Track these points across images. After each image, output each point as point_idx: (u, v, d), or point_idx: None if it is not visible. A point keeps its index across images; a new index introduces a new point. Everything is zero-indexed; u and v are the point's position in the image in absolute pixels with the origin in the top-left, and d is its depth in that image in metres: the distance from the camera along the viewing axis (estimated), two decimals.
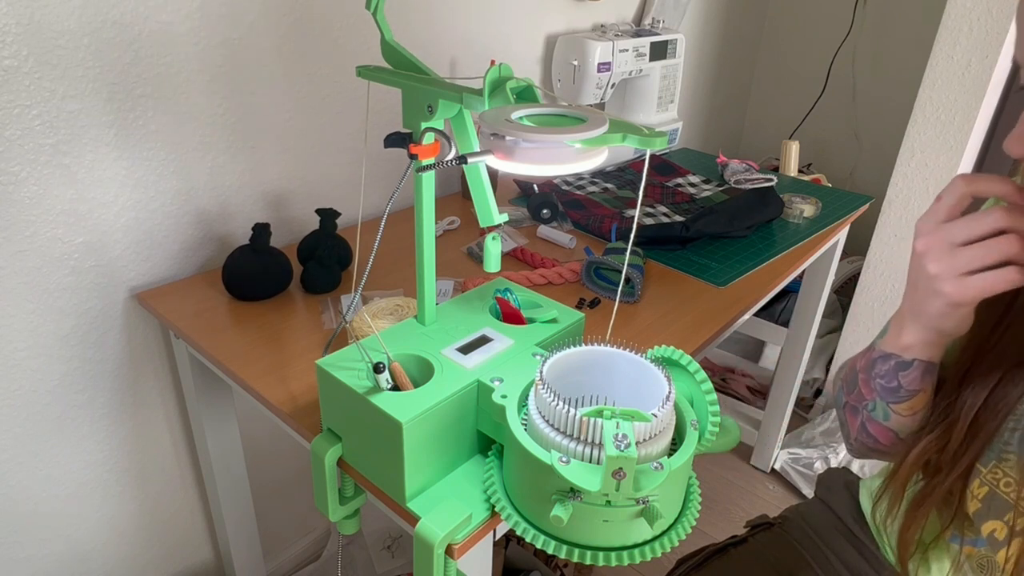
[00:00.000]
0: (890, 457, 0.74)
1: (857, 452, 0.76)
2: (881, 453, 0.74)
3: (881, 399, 0.69)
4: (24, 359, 1.00)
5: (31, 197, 0.94)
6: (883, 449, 0.73)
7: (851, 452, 0.78)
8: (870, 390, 0.70)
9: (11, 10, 0.86)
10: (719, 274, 1.17)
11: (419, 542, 0.63)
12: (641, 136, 0.56)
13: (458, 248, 1.24)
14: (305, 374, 0.89)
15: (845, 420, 0.75)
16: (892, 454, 0.72)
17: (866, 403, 0.71)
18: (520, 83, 0.63)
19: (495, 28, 1.48)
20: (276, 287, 1.07)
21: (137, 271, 1.08)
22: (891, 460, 0.72)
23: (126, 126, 1.01)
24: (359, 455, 0.71)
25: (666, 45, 1.64)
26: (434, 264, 0.76)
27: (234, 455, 1.22)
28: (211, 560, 1.39)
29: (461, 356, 0.71)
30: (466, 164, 0.62)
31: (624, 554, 0.59)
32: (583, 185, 1.53)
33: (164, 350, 1.16)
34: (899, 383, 0.67)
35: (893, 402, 0.68)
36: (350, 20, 1.21)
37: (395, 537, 1.47)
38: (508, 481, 0.65)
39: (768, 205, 1.38)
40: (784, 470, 1.86)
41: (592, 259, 1.11)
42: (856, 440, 0.74)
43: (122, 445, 1.16)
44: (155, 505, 1.25)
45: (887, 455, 0.74)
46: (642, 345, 0.65)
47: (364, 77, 0.73)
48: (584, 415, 0.56)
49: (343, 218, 1.15)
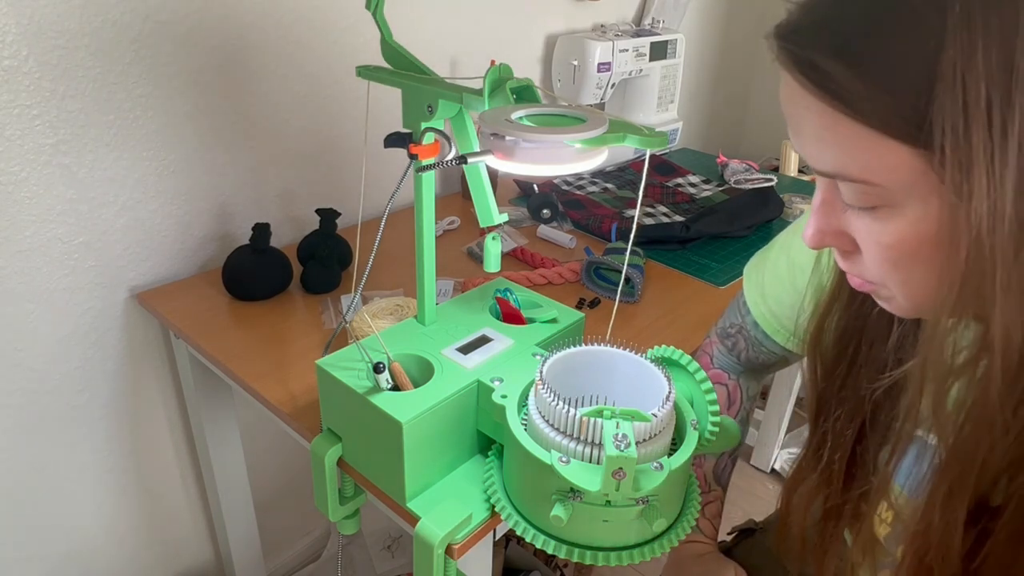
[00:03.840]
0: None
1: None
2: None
3: None
4: (24, 359, 1.00)
5: (31, 197, 0.94)
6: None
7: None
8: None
9: (11, 10, 0.86)
10: (719, 274, 1.17)
11: (419, 542, 0.63)
12: (641, 136, 0.56)
13: (458, 248, 1.24)
14: (305, 374, 0.89)
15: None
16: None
17: None
18: (520, 83, 0.63)
19: (495, 28, 1.47)
20: (276, 287, 1.07)
21: (137, 271, 1.08)
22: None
23: (126, 126, 1.01)
24: (359, 455, 0.71)
25: (666, 45, 1.64)
26: (434, 264, 0.76)
27: (234, 455, 1.22)
28: (211, 560, 1.39)
29: (461, 356, 0.71)
30: (466, 164, 0.62)
31: (624, 554, 0.59)
32: (583, 185, 1.53)
33: (164, 350, 1.16)
34: None
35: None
36: (350, 20, 1.21)
37: (395, 537, 1.47)
38: (508, 481, 0.65)
39: (768, 205, 1.38)
40: (784, 470, 1.86)
41: (592, 259, 1.11)
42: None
43: (122, 445, 1.16)
44: (155, 505, 1.25)
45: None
46: (642, 345, 0.65)
47: (364, 77, 0.73)
48: (584, 415, 0.56)
49: (343, 218, 1.15)
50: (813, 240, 0.49)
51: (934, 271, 0.43)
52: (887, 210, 0.43)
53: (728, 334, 0.83)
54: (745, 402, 0.83)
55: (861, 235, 0.46)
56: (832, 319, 0.60)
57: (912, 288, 0.46)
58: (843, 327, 0.59)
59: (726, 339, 0.83)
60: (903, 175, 0.40)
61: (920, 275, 0.44)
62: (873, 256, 0.46)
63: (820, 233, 0.48)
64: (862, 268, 0.48)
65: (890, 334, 0.56)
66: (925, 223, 0.42)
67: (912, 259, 0.44)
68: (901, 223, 0.42)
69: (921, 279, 0.45)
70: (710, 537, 0.79)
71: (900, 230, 0.43)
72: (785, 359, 0.79)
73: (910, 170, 0.40)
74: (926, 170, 0.40)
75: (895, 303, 0.49)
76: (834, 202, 0.47)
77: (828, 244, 0.49)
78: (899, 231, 0.43)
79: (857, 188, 0.43)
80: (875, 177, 0.41)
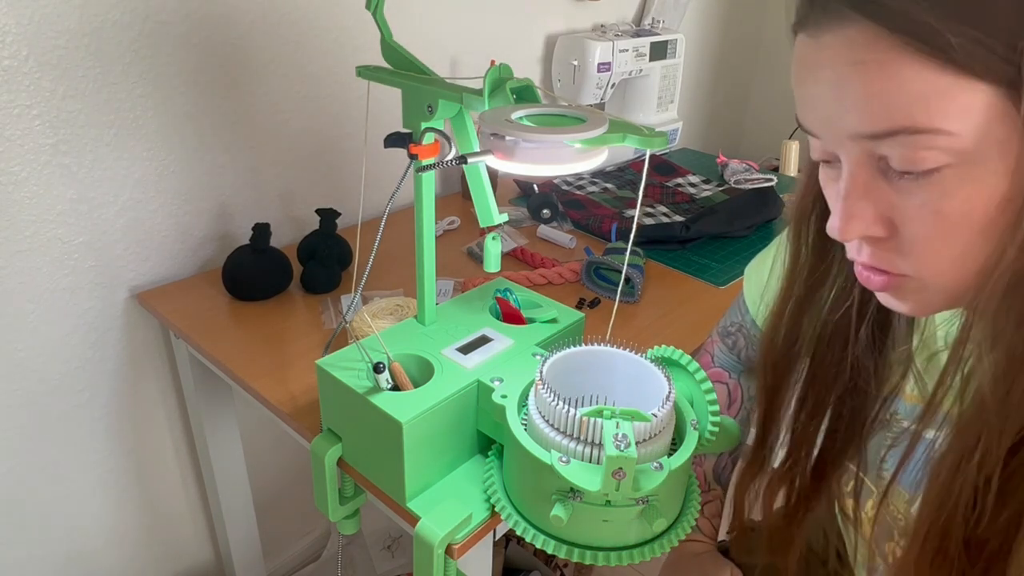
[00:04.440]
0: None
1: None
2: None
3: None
4: (24, 359, 1.00)
5: (31, 197, 0.94)
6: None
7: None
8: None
9: (11, 10, 0.86)
10: (719, 274, 1.17)
11: (419, 542, 0.63)
12: (641, 136, 0.56)
13: (458, 248, 1.24)
14: (305, 374, 0.89)
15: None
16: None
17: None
18: (520, 83, 0.63)
19: (495, 28, 1.47)
20: (276, 287, 1.07)
21: (137, 271, 1.08)
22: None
23: (126, 126, 1.01)
24: (359, 455, 0.71)
25: (666, 45, 1.64)
26: (434, 264, 0.76)
27: (234, 455, 1.22)
28: (211, 560, 1.39)
29: (461, 356, 0.71)
30: (466, 164, 0.62)
31: (624, 554, 0.59)
32: (583, 185, 1.53)
33: (164, 350, 1.16)
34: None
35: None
36: (350, 20, 1.21)
37: (395, 537, 1.47)
38: (508, 481, 0.65)
39: (768, 205, 1.38)
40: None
41: (592, 259, 1.11)
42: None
43: (122, 445, 1.16)
44: (155, 505, 1.25)
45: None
46: (642, 345, 0.65)
47: (364, 77, 0.73)
48: (584, 415, 0.56)
49: (343, 218, 1.15)
50: (850, 230, 0.44)
51: (992, 240, 0.40)
52: (952, 169, 0.39)
53: (729, 333, 0.83)
54: (746, 402, 0.83)
55: (910, 210, 0.42)
56: (783, 325, 0.59)
57: (958, 267, 0.42)
58: (796, 332, 0.58)
59: (727, 338, 0.83)
60: (979, 120, 0.38)
61: (976, 248, 0.41)
62: (924, 231, 0.42)
63: (853, 220, 0.43)
64: (895, 256, 0.44)
65: (848, 335, 0.55)
66: (999, 178, 0.39)
67: (974, 227, 0.40)
68: (969, 183, 0.39)
69: (975, 253, 0.41)
70: (709, 537, 0.79)
71: (968, 190, 0.39)
72: None
73: (989, 115, 0.37)
74: (1007, 113, 0.37)
75: (924, 295, 0.45)
76: (869, 182, 0.43)
77: (860, 233, 0.44)
78: (966, 192, 0.39)
79: (919, 148, 0.39)
80: (949, 124, 0.38)
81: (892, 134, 0.40)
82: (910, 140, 0.39)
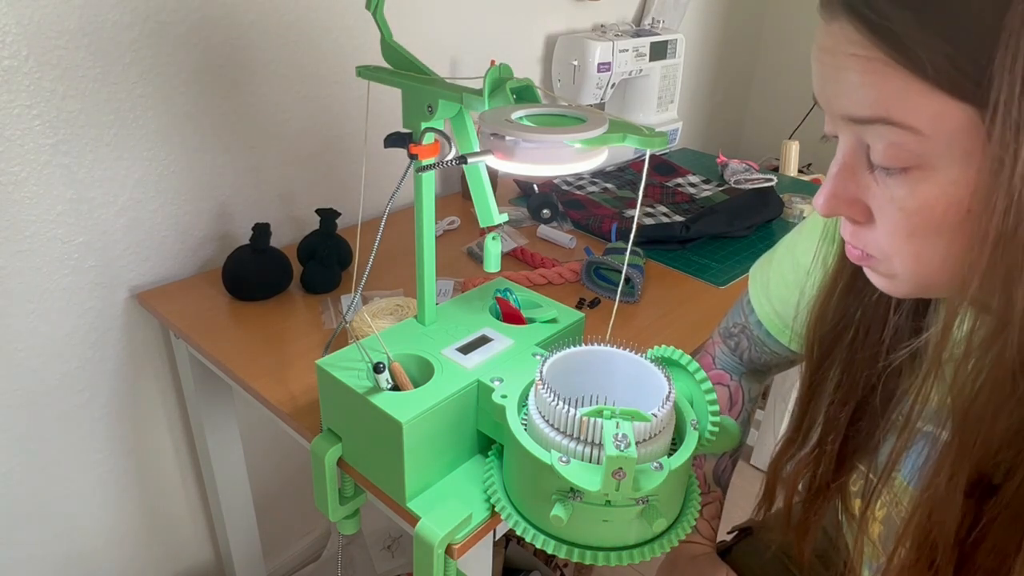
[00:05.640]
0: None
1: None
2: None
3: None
4: (24, 359, 1.00)
5: (31, 197, 0.94)
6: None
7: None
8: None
9: (11, 10, 0.86)
10: (719, 274, 1.17)
11: (419, 542, 0.63)
12: (641, 136, 0.56)
13: (458, 248, 1.24)
14: (305, 374, 0.89)
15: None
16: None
17: None
18: (520, 83, 0.63)
19: (495, 28, 1.47)
20: (276, 287, 1.07)
21: (137, 271, 1.08)
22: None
23: (126, 126, 1.01)
24: (359, 455, 0.71)
25: (666, 45, 1.64)
26: (434, 264, 0.76)
27: (234, 455, 1.22)
28: (211, 560, 1.39)
29: (461, 356, 0.71)
30: (466, 164, 0.62)
31: (624, 554, 0.59)
32: (583, 185, 1.53)
33: (164, 350, 1.16)
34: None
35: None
36: (350, 20, 1.21)
37: (395, 537, 1.47)
38: (508, 481, 0.65)
39: (768, 205, 1.38)
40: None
41: (592, 259, 1.11)
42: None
43: (122, 445, 1.16)
44: (155, 505, 1.25)
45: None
46: (642, 345, 0.65)
47: (364, 77, 0.73)
48: (584, 415, 0.56)
49: (343, 218, 1.15)
50: (826, 206, 0.47)
51: (952, 244, 0.42)
52: (920, 172, 0.42)
53: (731, 334, 0.83)
54: (747, 403, 0.83)
55: (882, 202, 0.45)
56: (832, 303, 0.60)
57: (922, 263, 0.45)
58: (842, 311, 0.59)
59: (729, 339, 0.83)
60: (948, 128, 0.40)
61: (935, 248, 0.44)
62: (891, 226, 0.45)
63: (835, 198, 0.47)
64: (869, 240, 0.47)
65: (887, 321, 0.56)
66: (959, 188, 0.41)
67: (934, 229, 0.43)
68: (933, 187, 0.41)
69: (934, 253, 0.44)
70: (707, 538, 0.79)
71: (931, 194, 0.42)
72: (788, 360, 0.79)
73: (957, 125, 0.39)
74: (974, 128, 0.39)
75: (895, 281, 0.48)
76: (856, 166, 0.46)
77: (840, 212, 0.48)
78: (929, 195, 0.42)
79: (893, 144, 0.42)
80: (922, 125, 0.40)
81: (873, 122, 0.42)
82: (888, 131, 0.42)
